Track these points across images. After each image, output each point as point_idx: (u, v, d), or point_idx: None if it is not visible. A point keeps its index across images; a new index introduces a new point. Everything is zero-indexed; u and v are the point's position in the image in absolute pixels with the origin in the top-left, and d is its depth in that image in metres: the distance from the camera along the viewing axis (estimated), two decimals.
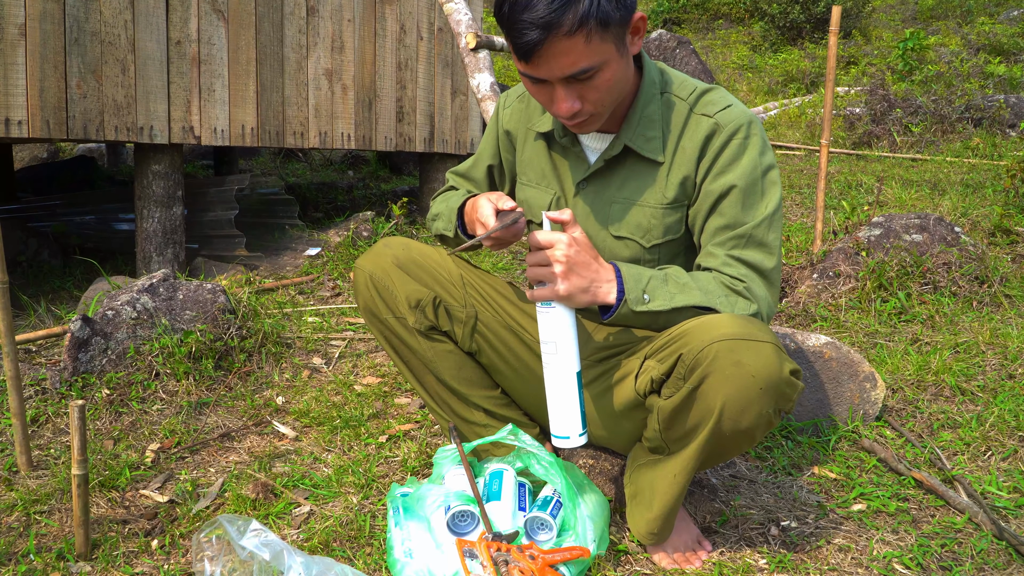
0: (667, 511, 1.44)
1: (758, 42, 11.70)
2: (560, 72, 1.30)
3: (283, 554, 1.31)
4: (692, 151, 1.44)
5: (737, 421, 1.28)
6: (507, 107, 1.66)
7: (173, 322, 2.29)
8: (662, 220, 1.47)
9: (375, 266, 1.58)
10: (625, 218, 1.50)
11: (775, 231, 1.42)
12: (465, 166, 1.76)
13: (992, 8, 11.76)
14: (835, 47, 3.05)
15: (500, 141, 1.68)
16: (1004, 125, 6.34)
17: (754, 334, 1.26)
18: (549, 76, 1.31)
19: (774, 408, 1.28)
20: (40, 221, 4.58)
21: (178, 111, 3.32)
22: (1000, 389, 2.20)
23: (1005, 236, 3.39)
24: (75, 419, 1.40)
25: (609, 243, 1.52)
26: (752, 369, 1.24)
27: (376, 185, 6.21)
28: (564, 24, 1.25)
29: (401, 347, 1.62)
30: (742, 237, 1.40)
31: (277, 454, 1.92)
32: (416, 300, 1.57)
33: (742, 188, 1.40)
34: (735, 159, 1.41)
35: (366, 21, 4.16)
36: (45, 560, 1.47)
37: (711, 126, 1.42)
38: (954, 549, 1.56)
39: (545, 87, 1.35)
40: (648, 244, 1.49)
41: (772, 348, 1.26)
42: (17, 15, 2.81)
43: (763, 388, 1.25)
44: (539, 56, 1.28)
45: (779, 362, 1.26)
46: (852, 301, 2.81)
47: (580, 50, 1.28)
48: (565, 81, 1.32)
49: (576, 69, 1.29)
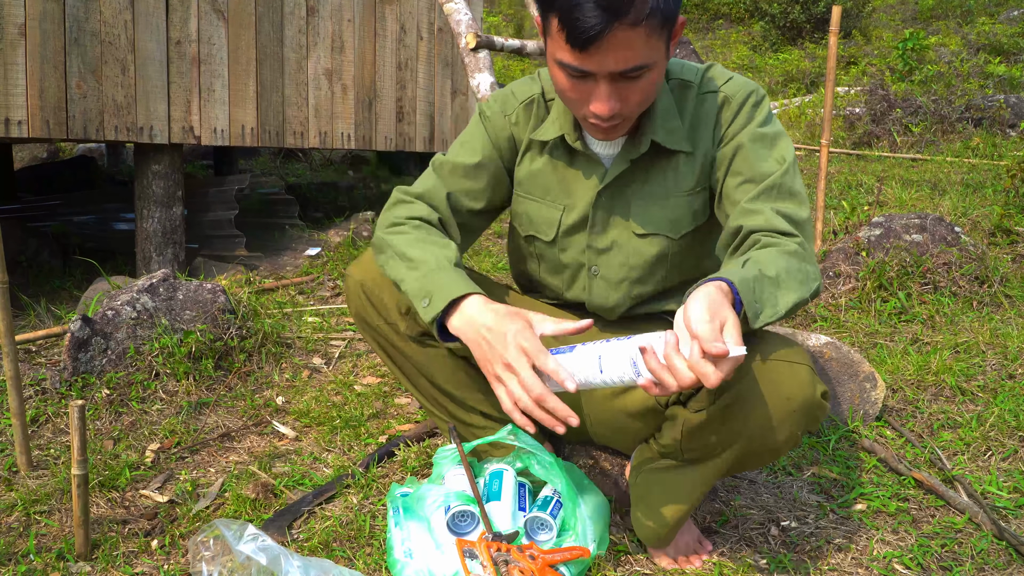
0: (679, 520, 1.44)
1: (758, 42, 11.70)
2: (614, 66, 1.20)
3: (280, 558, 1.30)
4: (707, 129, 1.41)
5: (766, 441, 1.28)
6: (509, 113, 1.52)
7: (173, 322, 2.28)
8: (689, 208, 1.44)
9: (365, 274, 1.55)
10: (649, 214, 1.45)
11: (799, 180, 1.37)
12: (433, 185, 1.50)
13: (992, 8, 11.76)
14: (835, 47, 3.04)
15: (500, 146, 1.53)
16: (1004, 125, 6.33)
17: (790, 355, 1.25)
18: (599, 69, 1.21)
19: (803, 428, 1.28)
20: (40, 221, 4.58)
21: (178, 111, 3.32)
22: (1000, 389, 2.20)
23: (1005, 236, 3.39)
24: (75, 419, 1.40)
25: (634, 242, 1.47)
26: (788, 391, 1.23)
27: (376, 185, 6.21)
28: (632, 12, 1.16)
29: (395, 353, 1.60)
30: (772, 188, 1.33)
31: (277, 454, 1.92)
32: (406, 307, 1.52)
33: (749, 144, 1.37)
34: (747, 121, 1.39)
35: (366, 21, 4.16)
36: (45, 560, 1.47)
37: (720, 99, 1.40)
38: (954, 549, 1.56)
39: (585, 84, 1.25)
40: (677, 235, 1.45)
41: (808, 371, 1.25)
42: (17, 15, 2.81)
43: (796, 410, 1.24)
44: (598, 45, 1.18)
45: (813, 385, 1.24)
46: (852, 301, 2.80)
47: (640, 44, 1.19)
48: (612, 77, 1.23)
49: (631, 65, 1.21)
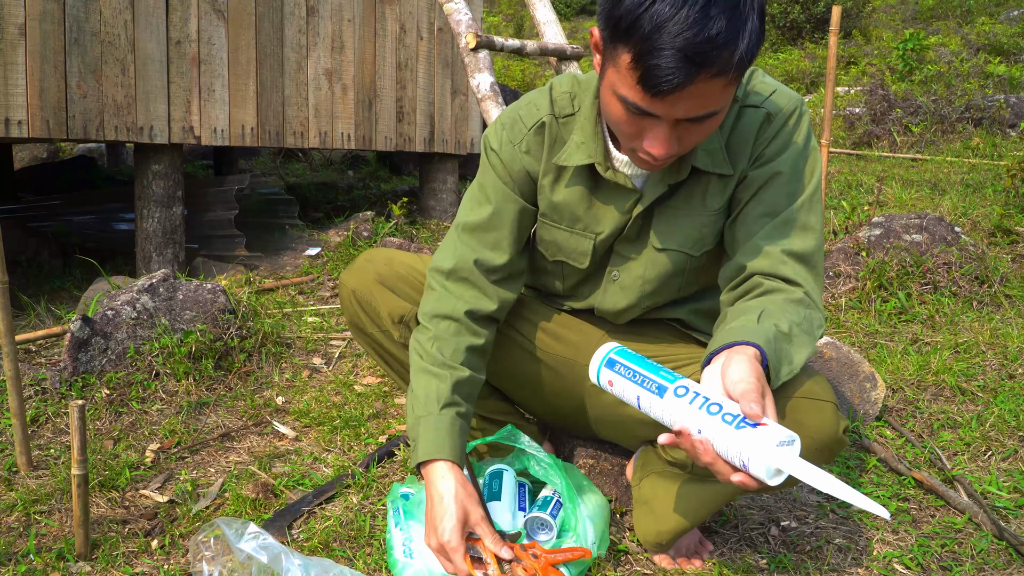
0: (681, 532, 1.43)
1: None
2: (686, 113, 1.10)
3: (281, 557, 1.30)
4: (745, 146, 1.32)
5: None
6: (518, 142, 1.40)
7: (173, 322, 2.28)
8: (714, 227, 1.37)
9: (358, 282, 1.56)
10: (672, 231, 1.38)
11: (815, 212, 1.32)
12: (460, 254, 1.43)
13: (992, 8, 11.77)
14: (835, 47, 3.05)
15: (513, 180, 1.42)
16: (1004, 125, 6.34)
17: (817, 392, 1.24)
18: (667, 115, 1.11)
19: (822, 464, 1.27)
20: (40, 221, 4.58)
21: (178, 111, 3.32)
22: (1000, 389, 2.20)
23: (1005, 236, 3.39)
24: (75, 419, 1.40)
25: (652, 255, 1.41)
26: (812, 430, 1.22)
27: (376, 185, 6.21)
28: (717, 65, 1.05)
29: (390, 359, 1.63)
30: (787, 224, 1.29)
31: (277, 454, 1.92)
32: (399, 316, 1.54)
33: (787, 174, 1.31)
34: (786, 146, 1.31)
35: (366, 21, 4.16)
36: (45, 560, 1.47)
37: (762, 116, 1.31)
38: (954, 549, 1.56)
39: (644, 120, 1.14)
40: (698, 253, 1.39)
41: (832, 409, 1.24)
42: (17, 15, 2.81)
43: (819, 448, 1.24)
44: (678, 96, 1.07)
45: (836, 423, 1.24)
46: (852, 301, 2.80)
47: (717, 93, 1.09)
48: (677, 121, 1.13)
49: (703, 112, 1.11)
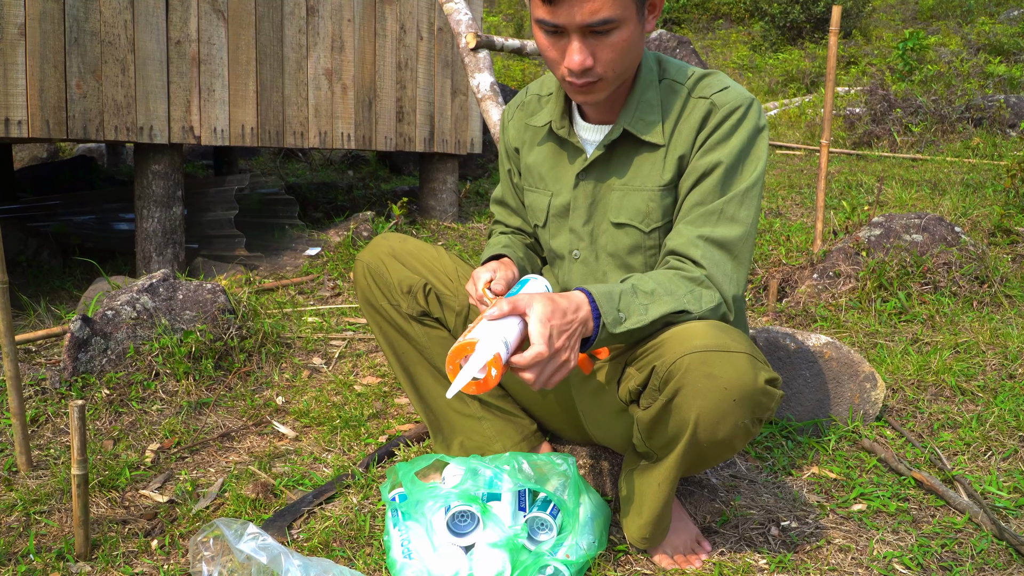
0: (656, 517, 1.44)
1: (758, 42, 11.70)
2: (581, 18, 1.27)
3: (281, 557, 1.30)
4: (689, 132, 1.43)
5: (713, 432, 1.27)
6: (510, 120, 1.65)
7: (173, 322, 2.28)
8: (660, 202, 1.46)
9: (372, 256, 1.66)
10: (624, 204, 1.48)
11: (747, 206, 1.40)
12: (500, 192, 1.76)
13: (992, 8, 11.76)
14: (835, 47, 3.04)
15: (511, 159, 1.67)
16: (1004, 125, 6.33)
17: (727, 344, 1.24)
18: (568, 22, 1.28)
19: (751, 418, 1.27)
20: (40, 221, 4.58)
21: (178, 111, 3.32)
22: (1000, 389, 2.20)
23: (1005, 236, 3.39)
24: (75, 419, 1.40)
25: (610, 232, 1.51)
26: (725, 381, 1.23)
27: (376, 185, 6.21)
28: None
29: (397, 337, 1.67)
30: (713, 213, 1.39)
31: (277, 454, 1.92)
32: (408, 286, 1.63)
33: (727, 166, 1.39)
34: (726, 137, 1.40)
35: (366, 21, 4.15)
36: (45, 560, 1.47)
37: (707, 106, 1.42)
38: (954, 549, 1.56)
39: (559, 40, 1.32)
40: (648, 228, 1.48)
41: (746, 358, 1.24)
42: (17, 15, 2.81)
43: (737, 400, 1.23)
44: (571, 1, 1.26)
45: (753, 372, 1.24)
46: (852, 301, 2.80)
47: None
48: (582, 32, 1.30)
49: (598, 18, 1.27)
